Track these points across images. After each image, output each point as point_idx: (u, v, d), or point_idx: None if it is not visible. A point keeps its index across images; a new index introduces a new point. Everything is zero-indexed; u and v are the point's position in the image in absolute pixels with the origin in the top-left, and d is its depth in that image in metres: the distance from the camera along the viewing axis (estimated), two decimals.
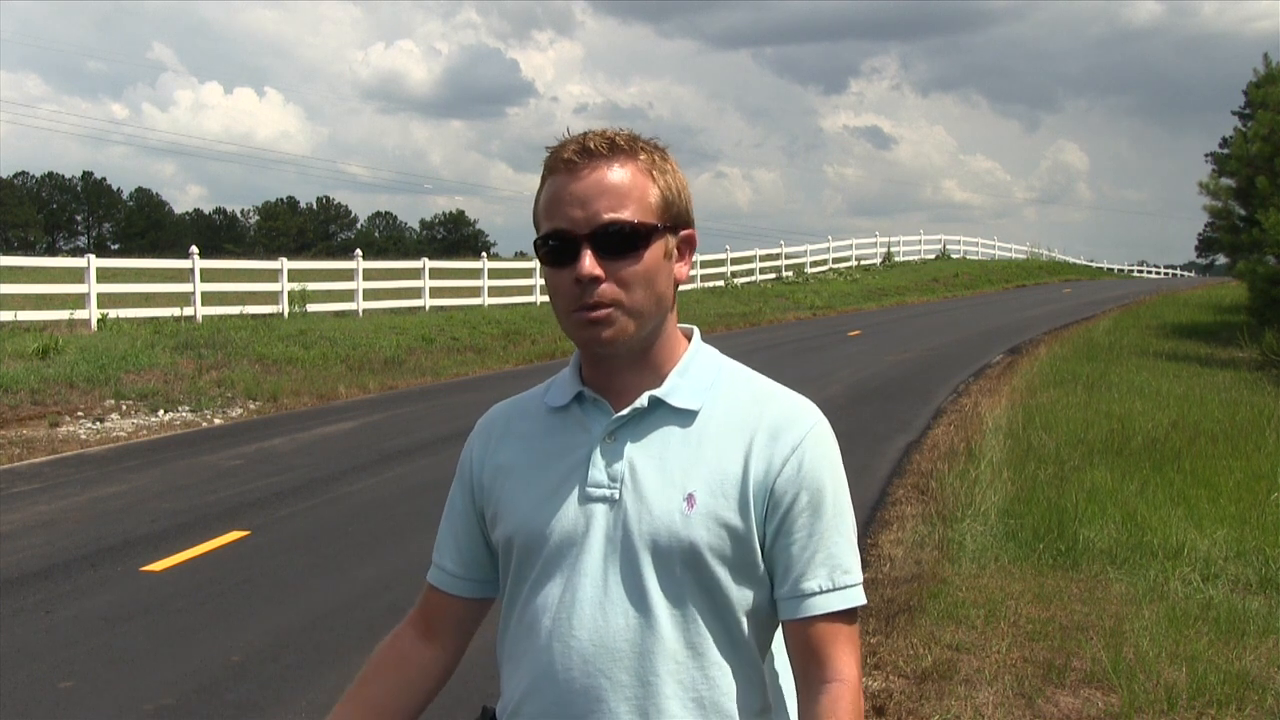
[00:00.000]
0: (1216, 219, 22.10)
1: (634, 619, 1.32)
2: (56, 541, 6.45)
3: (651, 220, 1.34)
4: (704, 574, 1.32)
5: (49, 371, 12.60)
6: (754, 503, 1.33)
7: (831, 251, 38.65)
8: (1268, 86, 19.65)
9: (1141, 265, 68.63)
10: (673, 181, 1.38)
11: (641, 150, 1.36)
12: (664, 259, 1.36)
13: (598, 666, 1.32)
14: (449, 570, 1.52)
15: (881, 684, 4.29)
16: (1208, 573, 5.65)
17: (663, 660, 1.32)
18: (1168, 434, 9.29)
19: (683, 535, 1.31)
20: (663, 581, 1.32)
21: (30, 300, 17.25)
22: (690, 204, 1.42)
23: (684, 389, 1.38)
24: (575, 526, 1.36)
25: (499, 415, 1.52)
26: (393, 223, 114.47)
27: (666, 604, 1.32)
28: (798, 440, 1.35)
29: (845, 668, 1.33)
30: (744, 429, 1.36)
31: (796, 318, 26.24)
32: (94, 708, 4.16)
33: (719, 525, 1.32)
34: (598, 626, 1.32)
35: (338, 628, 5.04)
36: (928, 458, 8.83)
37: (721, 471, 1.34)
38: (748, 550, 1.34)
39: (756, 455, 1.34)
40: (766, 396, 1.40)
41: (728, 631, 1.35)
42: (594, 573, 1.34)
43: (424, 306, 22.01)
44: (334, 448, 9.63)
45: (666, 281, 1.37)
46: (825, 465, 1.36)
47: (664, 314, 1.38)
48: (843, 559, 1.35)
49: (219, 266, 19.26)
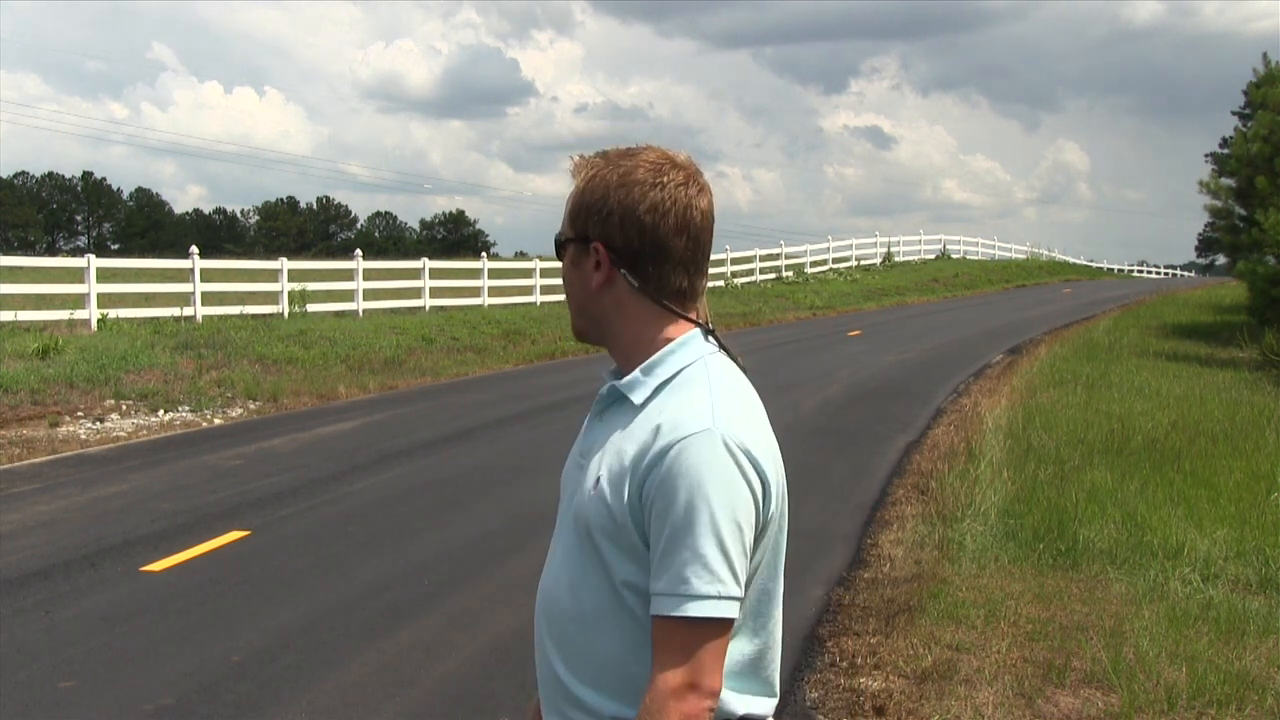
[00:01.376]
0: (1216, 219, 22.11)
1: (557, 579, 1.53)
2: (56, 541, 6.45)
3: (565, 231, 1.56)
4: (594, 548, 1.47)
5: (49, 371, 12.60)
6: (630, 497, 1.43)
7: (831, 251, 38.62)
8: (1268, 86, 19.65)
9: (1141, 265, 68.59)
10: (585, 184, 1.55)
11: (591, 165, 1.55)
12: (570, 267, 1.57)
13: (543, 616, 1.55)
14: None
15: (881, 684, 4.29)
16: (1208, 573, 5.65)
17: (573, 619, 1.50)
18: (1168, 434, 9.29)
19: (586, 511, 1.48)
20: (576, 551, 1.50)
21: (30, 300, 17.25)
22: (605, 209, 1.52)
23: (638, 384, 1.51)
24: (563, 493, 1.60)
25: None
26: (393, 223, 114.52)
27: (583, 570, 1.49)
28: (668, 445, 1.41)
29: (661, 671, 1.39)
30: (649, 427, 1.45)
31: (796, 318, 26.24)
32: (94, 708, 4.16)
33: (605, 508, 1.45)
34: (545, 584, 1.56)
35: (338, 628, 5.04)
36: (928, 458, 8.83)
37: (620, 461, 1.46)
38: (628, 536, 1.44)
39: (641, 453, 1.43)
40: (677, 400, 1.47)
41: (620, 603, 1.46)
42: (558, 536, 1.57)
43: (424, 306, 22.00)
44: (334, 448, 9.63)
45: (575, 288, 1.57)
46: (685, 475, 1.39)
47: (594, 317, 1.56)
48: (682, 570, 1.38)
49: (219, 266, 19.25)
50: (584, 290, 1.55)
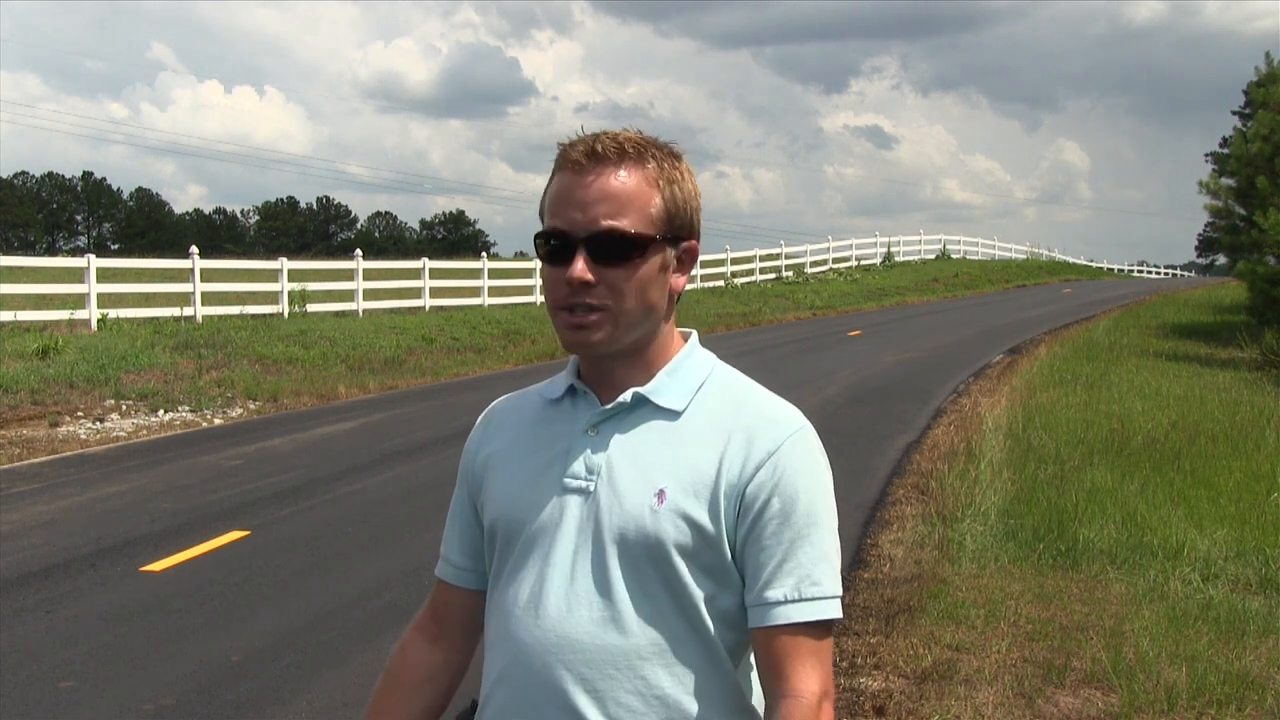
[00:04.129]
0: (1217, 219, 22.12)
1: (598, 612, 1.31)
2: (56, 541, 6.45)
3: (650, 231, 1.32)
4: (669, 570, 1.31)
5: (49, 371, 12.60)
6: (724, 504, 1.31)
7: (831, 251, 38.62)
8: (1268, 86, 19.65)
9: (1141, 265, 68.62)
10: (679, 192, 1.36)
11: (651, 157, 1.34)
12: (659, 271, 1.35)
13: (559, 657, 1.31)
14: (455, 563, 1.53)
15: (881, 684, 4.29)
16: (1208, 573, 5.65)
17: (624, 654, 1.30)
18: (1168, 434, 9.29)
19: (650, 530, 1.31)
20: (628, 576, 1.31)
21: (30, 300, 17.24)
22: (698, 214, 1.40)
23: (670, 388, 1.38)
24: (551, 516, 1.36)
25: (500, 407, 1.54)
26: (393, 223, 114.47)
27: (632, 599, 1.31)
28: (775, 445, 1.33)
29: (802, 683, 1.29)
30: (722, 430, 1.35)
31: (796, 318, 26.24)
32: (94, 708, 4.16)
33: (686, 523, 1.31)
34: (561, 618, 1.32)
35: (338, 628, 5.04)
36: (928, 458, 8.83)
37: (695, 470, 1.32)
38: (716, 551, 1.32)
39: (731, 457, 1.32)
40: (749, 400, 1.38)
41: (695, 630, 1.32)
42: (563, 563, 1.33)
43: (424, 306, 22.00)
44: (334, 448, 9.63)
45: (660, 293, 1.36)
46: (801, 472, 1.33)
47: (655, 321, 1.37)
48: (812, 570, 1.31)
49: (219, 266, 19.24)
50: (661, 296, 1.36)
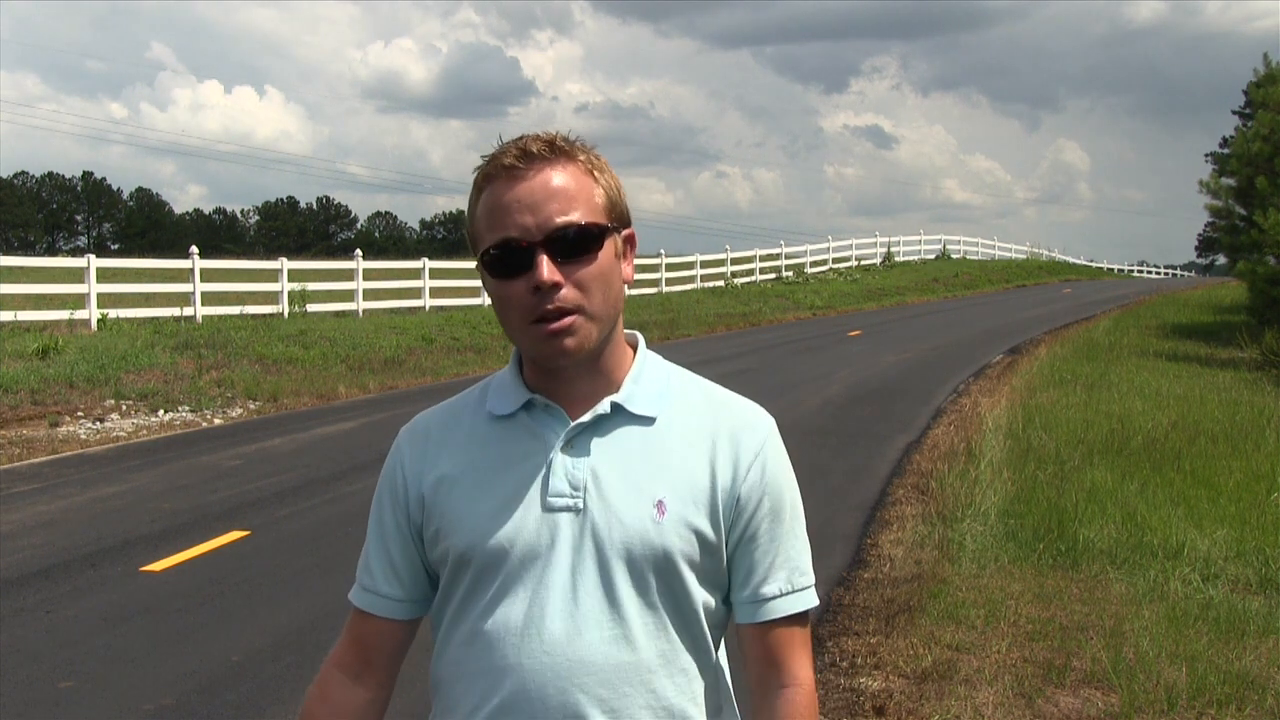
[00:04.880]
0: (1217, 219, 22.12)
1: (608, 631, 1.29)
2: (56, 541, 6.45)
3: (601, 220, 1.31)
4: (674, 581, 1.31)
5: (49, 371, 12.60)
6: (722, 510, 1.33)
7: (831, 251, 38.63)
8: (1268, 86, 19.66)
9: (1141, 265, 68.62)
10: (611, 180, 1.36)
11: (579, 151, 1.33)
12: (615, 259, 1.33)
13: (573, 681, 1.28)
14: (383, 593, 1.47)
15: (881, 684, 4.29)
16: (1208, 573, 5.65)
17: (636, 670, 1.29)
18: (1168, 434, 9.29)
19: (656, 543, 1.29)
20: (636, 590, 1.30)
21: (30, 300, 17.25)
22: (627, 203, 1.39)
23: (640, 395, 1.36)
24: (538, 538, 1.31)
25: (431, 425, 1.44)
26: (393, 223, 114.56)
27: (639, 613, 1.30)
28: (759, 446, 1.36)
29: (800, 670, 1.36)
30: (704, 434, 1.35)
31: (796, 318, 26.23)
32: (94, 708, 4.16)
33: (690, 532, 1.31)
34: (570, 640, 1.28)
35: (338, 628, 5.01)
36: (928, 458, 8.83)
37: (689, 478, 1.33)
38: (715, 557, 1.34)
39: (721, 462, 1.34)
40: (721, 403, 1.40)
41: (692, 636, 1.35)
42: (561, 585, 1.30)
43: (424, 306, 22.01)
44: (334, 448, 9.63)
45: (619, 284, 1.34)
46: (782, 469, 1.38)
47: (616, 319, 1.35)
48: (799, 561, 1.38)
49: (219, 266, 19.25)
50: (620, 288, 1.35)
